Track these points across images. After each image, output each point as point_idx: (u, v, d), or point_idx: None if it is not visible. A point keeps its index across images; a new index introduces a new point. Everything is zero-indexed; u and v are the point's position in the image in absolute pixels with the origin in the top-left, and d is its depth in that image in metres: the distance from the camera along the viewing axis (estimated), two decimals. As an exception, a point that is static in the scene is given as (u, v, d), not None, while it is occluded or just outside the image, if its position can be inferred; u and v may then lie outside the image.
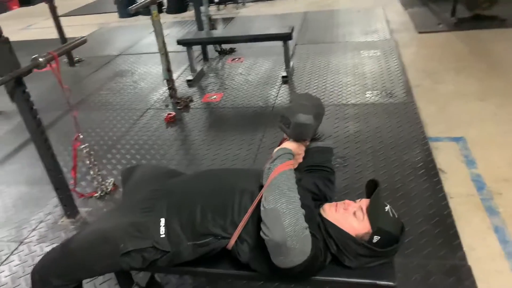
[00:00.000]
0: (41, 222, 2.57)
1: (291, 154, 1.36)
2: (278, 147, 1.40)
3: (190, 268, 1.49)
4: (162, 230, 1.41)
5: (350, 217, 1.37)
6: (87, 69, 5.18)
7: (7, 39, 2.10)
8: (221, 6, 7.30)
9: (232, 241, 1.35)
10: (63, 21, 7.98)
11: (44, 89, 4.59)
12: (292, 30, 3.96)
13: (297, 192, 1.26)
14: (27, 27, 8.05)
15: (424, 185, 2.45)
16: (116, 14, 7.87)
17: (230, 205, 1.37)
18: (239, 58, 4.78)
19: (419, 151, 2.77)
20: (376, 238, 1.33)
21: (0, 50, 2.07)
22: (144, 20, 7.23)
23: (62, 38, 5.12)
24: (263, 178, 1.32)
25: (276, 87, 3.96)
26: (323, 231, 1.39)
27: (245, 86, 4.08)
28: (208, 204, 1.41)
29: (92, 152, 2.63)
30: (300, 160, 1.46)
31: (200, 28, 4.62)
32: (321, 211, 1.43)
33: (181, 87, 4.20)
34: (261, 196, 1.27)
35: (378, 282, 1.36)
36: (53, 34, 5.27)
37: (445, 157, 2.72)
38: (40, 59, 2.20)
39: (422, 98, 3.47)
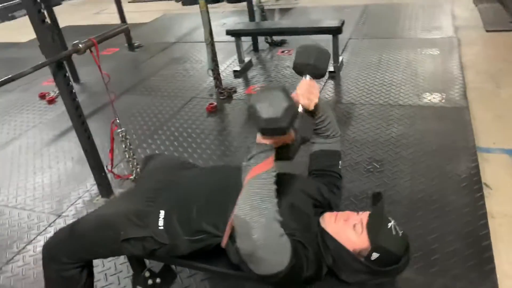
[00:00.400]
0: (79, 198, 2.72)
1: (269, 151, 1.21)
2: (257, 141, 1.24)
3: (190, 262, 1.50)
4: (161, 222, 1.42)
5: (349, 230, 1.29)
6: (145, 55, 5.37)
7: (50, 25, 2.22)
8: (281, -4, 7.21)
9: (224, 240, 1.32)
10: (131, 7, 8.37)
11: (106, 71, 4.81)
12: (343, 23, 3.81)
13: (272, 198, 1.16)
14: (100, 11, 8.49)
15: (464, 200, 2.26)
16: (181, 1, 8.06)
17: (225, 203, 1.32)
18: (289, 51, 4.70)
19: (465, 161, 2.56)
20: (374, 256, 1.24)
21: (44, 36, 2.19)
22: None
23: (124, 23, 5.35)
24: (242, 176, 1.22)
25: (322, 82, 3.85)
26: (320, 241, 1.32)
27: (290, 79, 4.01)
28: (204, 202, 1.40)
29: (128, 137, 2.71)
30: (292, 136, 1.27)
31: (251, 18, 4.59)
32: (321, 220, 1.37)
33: (228, 78, 4.22)
34: None
35: (375, 301, 1.28)
36: (118, 20, 5.48)
37: (494, 171, 2.49)
38: (80, 45, 2.30)
39: (479, 103, 3.20)
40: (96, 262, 2.11)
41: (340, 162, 1.59)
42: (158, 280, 1.93)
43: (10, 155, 3.37)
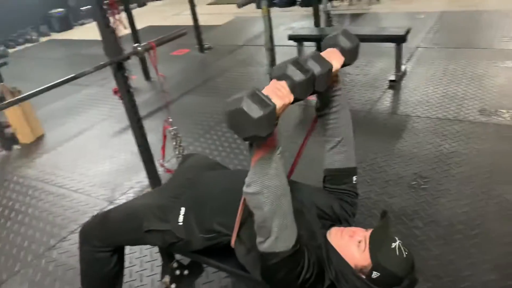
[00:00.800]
0: (131, 188, 2.94)
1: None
2: None
3: (204, 258, 1.59)
4: (181, 218, 1.52)
5: (353, 246, 1.29)
6: (213, 56, 5.59)
7: (113, 29, 2.43)
8: (354, 1, 7.08)
9: (232, 240, 1.38)
10: (208, 9, 8.71)
11: (175, 71, 5.14)
12: (407, 32, 3.68)
13: (279, 175, 1.17)
14: (179, 13, 8.96)
15: (508, 229, 2.10)
16: (254, 4, 8.23)
17: (235, 204, 1.33)
18: (352, 58, 4.62)
19: (520, 187, 2.38)
20: (375, 274, 1.23)
21: (108, 38, 2.41)
22: (277, 12, 7.44)
23: (196, 26, 5.62)
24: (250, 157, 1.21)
25: (380, 91, 3.75)
26: (324, 254, 1.33)
27: (348, 86, 3.96)
28: (217, 202, 1.47)
29: (179, 135, 2.87)
30: (290, 99, 1.18)
31: (317, 24, 4.59)
32: (327, 234, 1.37)
33: (286, 82, 4.26)
34: None
35: (372, 320, 1.26)
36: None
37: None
38: (139, 48, 2.49)
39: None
40: (134, 249, 2.31)
41: (355, 178, 1.56)
42: (185, 272, 2.06)
43: (79, 144, 3.73)
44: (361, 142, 2.97)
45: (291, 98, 1.17)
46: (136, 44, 2.52)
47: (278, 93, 1.14)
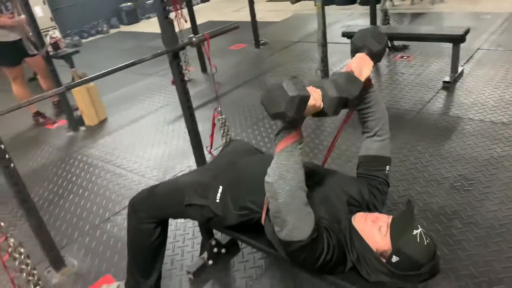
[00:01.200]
0: (180, 171, 3.13)
1: (288, 129, 1.27)
2: None
3: (238, 234, 1.70)
4: (219, 196, 1.64)
5: (375, 230, 1.34)
6: (267, 52, 5.71)
7: (172, 21, 2.60)
8: (416, 0, 6.88)
9: (262, 217, 1.48)
10: (267, 6, 8.84)
11: (231, 65, 5.32)
12: (466, 32, 3.57)
13: (298, 169, 1.26)
14: (239, 9, 9.17)
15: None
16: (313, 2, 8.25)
17: None
18: (408, 57, 4.54)
19: None
20: (395, 259, 1.28)
21: (166, 29, 2.59)
22: (336, 10, 7.42)
23: (253, 22, 5.75)
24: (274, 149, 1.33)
25: (433, 92, 3.67)
26: (348, 236, 1.39)
27: (400, 85, 3.91)
28: (251, 183, 1.57)
29: (227, 124, 3.01)
30: (319, 103, 1.27)
31: (373, 22, 4.56)
32: (352, 218, 1.43)
33: (338, 79, 4.29)
34: None
35: (389, 302, 1.31)
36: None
37: None
38: (194, 39, 2.65)
39: None
40: (178, 226, 2.48)
41: (388, 167, 1.60)
42: (223, 250, 2.20)
43: (138, 129, 3.99)
44: (407, 141, 2.98)
45: (320, 104, 1.27)
46: (191, 35, 2.69)
47: (313, 94, 1.25)
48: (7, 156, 2.03)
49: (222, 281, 2.08)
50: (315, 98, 1.25)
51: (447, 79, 3.71)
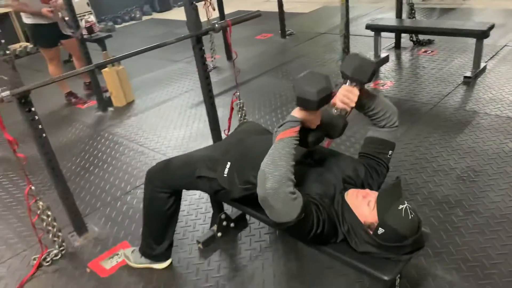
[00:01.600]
0: (199, 153, 3.28)
1: (295, 122, 1.42)
2: (292, 113, 1.45)
3: (242, 206, 1.84)
4: (226, 171, 1.78)
5: (364, 204, 1.45)
6: (293, 42, 5.79)
7: (196, 7, 2.74)
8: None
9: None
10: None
11: (255, 53, 5.43)
12: (490, 28, 3.55)
13: (289, 159, 1.37)
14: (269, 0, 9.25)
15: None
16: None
17: None
18: (432, 51, 4.54)
19: None
20: (380, 231, 1.38)
21: (190, 14, 2.73)
22: (365, 3, 7.40)
23: (280, 12, 5.83)
24: (273, 138, 1.46)
25: (452, 86, 3.68)
26: (340, 210, 1.50)
27: (421, 79, 3.94)
28: (255, 159, 1.67)
29: (244, 109, 3.14)
30: (316, 123, 1.48)
31: (398, 15, 4.56)
32: (345, 194, 1.53)
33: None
34: None
35: (372, 271, 1.41)
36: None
37: None
38: (216, 25, 2.79)
39: None
40: (192, 201, 2.64)
41: (390, 152, 1.68)
42: (232, 224, 2.34)
43: (162, 111, 4.18)
44: (420, 132, 3.03)
45: (316, 123, 1.49)
46: (214, 21, 2.82)
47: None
48: (40, 126, 2.23)
49: (228, 252, 2.22)
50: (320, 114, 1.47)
51: (468, 74, 3.70)
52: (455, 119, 3.16)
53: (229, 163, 1.79)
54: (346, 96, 1.53)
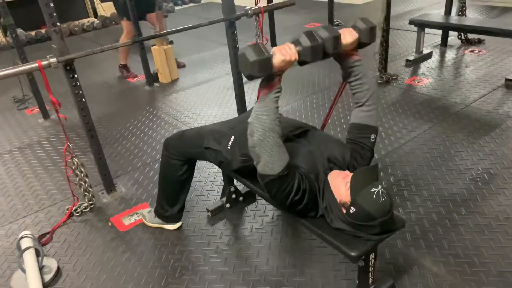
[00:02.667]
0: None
1: (271, 79, 1.53)
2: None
3: (240, 177, 2.00)
4: (230, 144, 1.94)
5: (341, 184, 1.55)
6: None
7: (231, -7, 2.89)
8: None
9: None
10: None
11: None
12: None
13: (271, 113, 1.50)
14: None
15: None
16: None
17: None
18: (479, 51, 4.38)
19: None
20: (352, 209, 1.48)
21: (226, 1, 2.89)
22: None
23: (329, 2, 5.83)
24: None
25: (490, 88, 3.57)
26: (321, 188, 1.62)
27: (459, 78, 3.85)
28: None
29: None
30: (289, 61, 1.51)
31: (447, 12, 4.43)
32: (329, 174, 1.64)
33: (398, 65, 4.30)
34: None
35: (342, 246, 1.52)
36: None
37: None
38: (249, 11, 2.93)
39: None
40: (210, 173, 2.83)
41: (373, 135, 1.75)
42: (241, 198, 2.51)
43: (202, 90, 4.41)
44: (444, 131, 3.02)
45: (294, 57, 1.52)
46: (248, 7, 2.96)
47: (282, 51, 1.50)
48: (80, 92, 2.51)
49: (233, 222, 2.39)
50: (285, 53, 1.49)
51: (511, 77, 3.57)
52: (484, 121, 3.09)
53: (233, 137, 1.94)
54: (346, 30, 1.71)
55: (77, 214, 2.62)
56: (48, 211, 2.69)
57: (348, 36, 1.68)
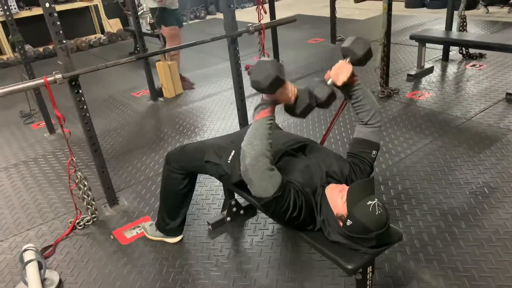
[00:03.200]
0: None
1: (264, 105, 1.58)
2: (262, 97, 1.62)
3: (240, 190, 2.01)
4: (230, 158, 1.96)
5: (338, 197, 1.57)
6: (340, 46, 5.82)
7: (233, 9, 2.95)
8: (512, 9, 6.47)
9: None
10: (359, 4, 8.80)
11: (304, 56, 5.59)
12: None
13: (264, 139, 1.54)
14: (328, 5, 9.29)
15: None
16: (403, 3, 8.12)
17: None
18: (481, 65, 4.41)
19: None
20: (349, 222, 1.49)
21: (228, 16, 2.94)
22: (424, 13, 7.26)
23: (332, 17, 5.92)
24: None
25: (490, 102, 3.59)
26: (318, 201, 1.64)
27: (461, 92, 3.88)
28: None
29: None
30: (289, 100, 1.62)
31: (448, 27, 4.48)
32: (327, 187, 1.66)
33: (399, 80, 4.34)
34: None
35: (338, 259, 1.53)
36: (340, 14, 6.19)
37: None
38: (250, 28, 2.99)
39: None
40: (211, 187, 2.85)
41: (374, 152, 1.78)
42: (241, 211, 2.53)
43: (206, 105, 4.47)
44: (444, 144, 3.04)
45: (292, 98, 1.62)
46: (249, 24, 3.02)
47: (288, 86, 1.60)
48: (85, 106, 2.56)
49: (233, 235, 2.40)
50: (289, 90, 1.59)
51: (511, 91, 3.59)
52: (485, 135, 3.10)
53: (233, 151, 1.97)
54: (339, 68, 1.72)
55: (80, 227, 2.65)
56: (52, 224, 2.72)
57: (343, 75, 1.72)
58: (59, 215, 2.80)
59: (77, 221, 2.66)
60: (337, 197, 1.58)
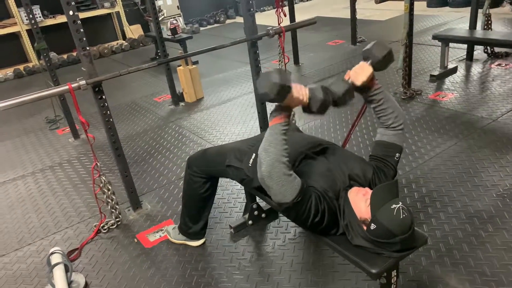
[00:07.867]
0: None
1: (280, 111, 1.56)
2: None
3: (261, 194, 2.01)
4: (251, 161, 1.97)
5: (362, 201, 1.55)
6: (362, 49, 5.77)
7: (253, 13, 2.96)
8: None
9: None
10: (380, 5, 8.72)
11: (324, 58, 5.55)
12: None
13: (279, 145, 1.51)
14: (348, 7, 9.22)
15: None
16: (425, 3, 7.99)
17: None
18: (506, 64, 4.30)
19: None
20: (373, 226, 1.47)
21: (247, 20, 2.96)
22: (447, 12, 7.14)
23: (352, 19, 5.87)
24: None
25: (517, 102, 3.50)
26: (342, 205, 1.62)
27: (486, 92, 3.79)
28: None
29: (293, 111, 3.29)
30: (299, 103, 1.58)
31: (472, 26, 4.39)
32: (349, 191, 1.64)
33: (422, 80, 4.27)
34: None
35: (362, 263, 1.51)
36: (360, 15, 6.17)
37: None
38: (270, 31, 2.99)
39: None
40: (233, 191, 2.86)
41: (397, 154, 1.75)
42: (263, 215, 2.53)
43: (226, 109, 4.49)
44: (470, 146, 2.98)
45: (305, 99, 1.57)
46: (269, 27, 3.03)
47: (297, 88, 1.56)
48: (108, 112, 2.61)
49: (255, 238, 2.41)
50: (300, 93, 1.55)
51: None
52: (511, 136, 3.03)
53: (254, 154, 1.97)
54: (359, 68, 1.71)
55: (104, 231, 2.69)
56: (77, 228, 2.78)
57: (362, 75, 1.70)
58: (84, 219, 2.86)
59: (101, 225, 2.71)
60: (360, 200, 1.56)
